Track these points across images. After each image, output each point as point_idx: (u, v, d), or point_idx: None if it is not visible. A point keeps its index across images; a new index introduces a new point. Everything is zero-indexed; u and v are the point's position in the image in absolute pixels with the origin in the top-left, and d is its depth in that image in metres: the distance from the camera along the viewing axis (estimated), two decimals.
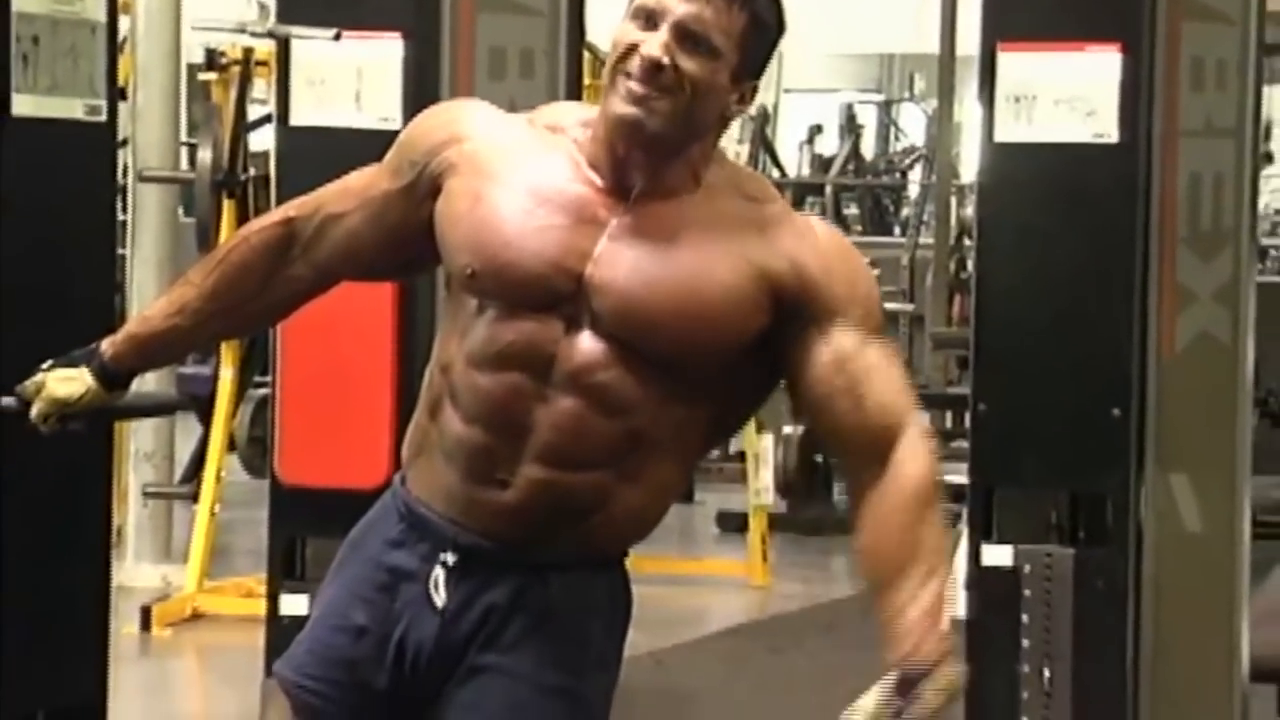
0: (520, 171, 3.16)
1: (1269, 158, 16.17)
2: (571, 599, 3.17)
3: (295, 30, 6.00)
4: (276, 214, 3.39)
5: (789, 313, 3.14)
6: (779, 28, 3.19)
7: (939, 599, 3.14)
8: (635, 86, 3.07)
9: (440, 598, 3.16)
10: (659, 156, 3.12)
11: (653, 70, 3.06)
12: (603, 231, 3.12)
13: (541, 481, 3.11)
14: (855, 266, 3.22)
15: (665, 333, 3.10)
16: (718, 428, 3.25)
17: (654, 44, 3.07)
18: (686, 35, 3.08)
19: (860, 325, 3.16)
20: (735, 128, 20.47)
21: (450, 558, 3.16)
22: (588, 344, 3.10)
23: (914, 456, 3.14)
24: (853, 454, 3.17)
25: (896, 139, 25.93)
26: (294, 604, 5.77)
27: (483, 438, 3.12)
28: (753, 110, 20.47)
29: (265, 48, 7.42)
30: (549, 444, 3.10)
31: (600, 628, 3.20)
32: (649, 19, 3.08)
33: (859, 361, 3.14)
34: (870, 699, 3.15)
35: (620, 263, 3.10)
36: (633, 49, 3.08)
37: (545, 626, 3.15)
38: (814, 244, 3.18)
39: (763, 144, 20.80)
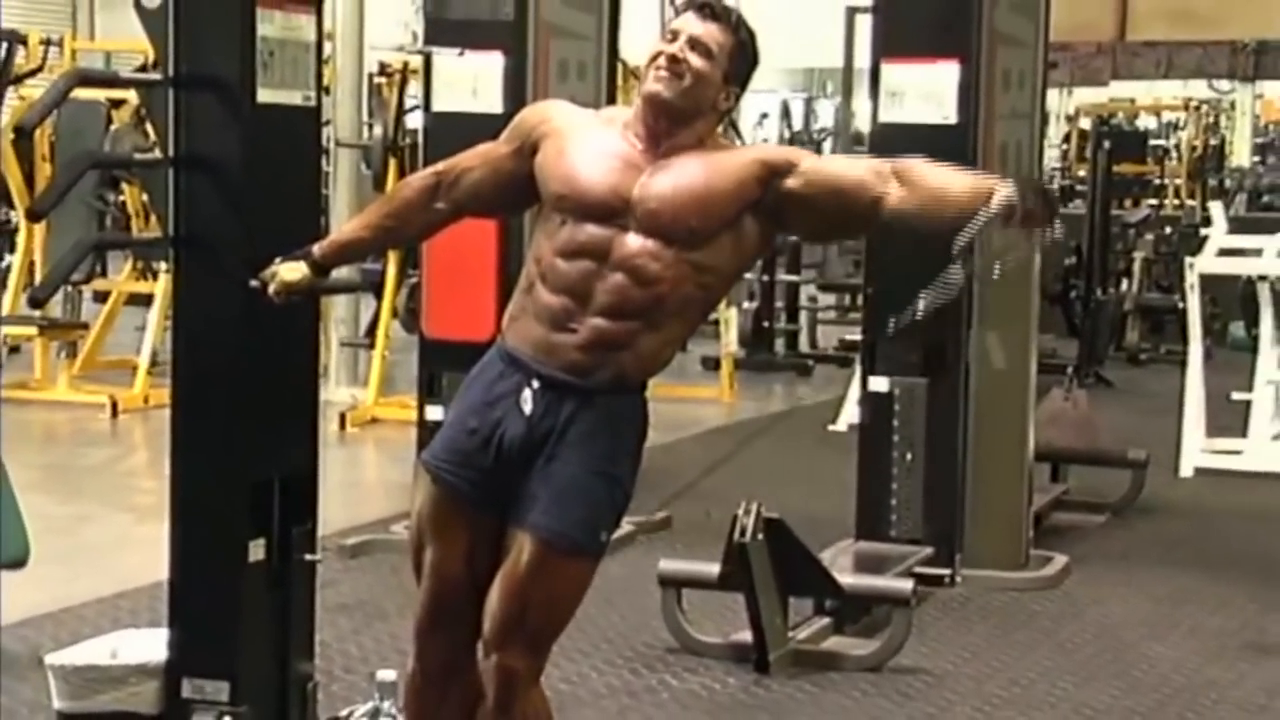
0: (590, 140, 3.18)
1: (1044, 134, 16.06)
2: (611, 413, 3.15)
3: (434, 50, 5.96)
4: (428, 171, 3.36)
5: (769, 185, 3.12)
6: (755, 58, 3.20)
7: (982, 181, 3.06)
8: (660, 72, 3.12)
9: (528, 409, 3.14)
10: (675, 124, 3.14)
11: (672, 61, 3.12)
12: (642, 173, 3.13)
13: (597, 328, 3.10)
14: (790, 149, 3.44)
15: (685, 215, 3.09)
16: (708, 306, 3.23)
17: (674, 47, 3.13)
18: (695, 43, 3.12)
19: (813, 160, 3.15)
20: None
21: (535, 383, 3.14)
22: (632, 241, 3.10)
23: (916, 165, 3.08)
24: (871, 200, 3.08)
25: (815, 122, 25.74)
26: (434, 413, 5.81)
27: (563, 302, 3.11)
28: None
29: (416, 61, 7.35)
30: (604, 304, 3.09)
31: (630, 432, 3.19)
32: (673, 35, 3.15)
33: (828, 164, 3.15)
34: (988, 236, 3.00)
35: (656, 185, 3.12)
36: (660, 53, 3.13)
37: (594, 431, 3.13)
38: (763, 149, 3.42)
39: (730, 124, 20.72)
